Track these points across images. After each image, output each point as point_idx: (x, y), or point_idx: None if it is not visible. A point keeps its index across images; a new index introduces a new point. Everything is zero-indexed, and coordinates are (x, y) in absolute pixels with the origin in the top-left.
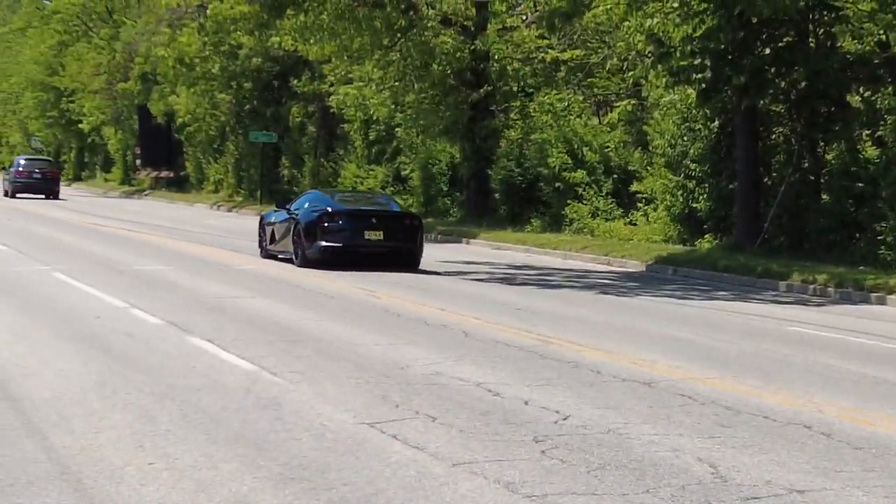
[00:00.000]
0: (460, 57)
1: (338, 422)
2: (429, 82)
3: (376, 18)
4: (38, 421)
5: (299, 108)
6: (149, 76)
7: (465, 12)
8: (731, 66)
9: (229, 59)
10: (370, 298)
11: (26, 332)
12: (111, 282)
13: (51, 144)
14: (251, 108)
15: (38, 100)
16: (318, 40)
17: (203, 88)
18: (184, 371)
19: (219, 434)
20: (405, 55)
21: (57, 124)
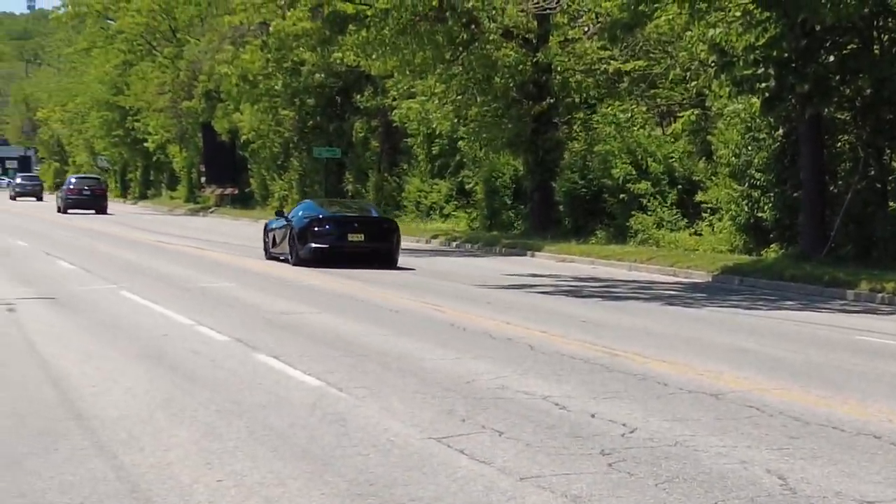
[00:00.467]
0: (522, 70)
1: (404, 437)
2: (491, 95)
3: (438, 33)
4: (107, 439)
5: (362, 123)
6: (212, 94)
7: (527, 25)
8: (795, 75)
9: (292, 75)
10: (435, 312)
11: (95, 350)
12: (177, 299)
13: (117, 163)
14: (314, 124)
15: (103, 119)
16: (380, 55)
17: (266, 105)
18: (250, 388)
19: (286, 450)
20: (467, 69)
21: (122, 143)
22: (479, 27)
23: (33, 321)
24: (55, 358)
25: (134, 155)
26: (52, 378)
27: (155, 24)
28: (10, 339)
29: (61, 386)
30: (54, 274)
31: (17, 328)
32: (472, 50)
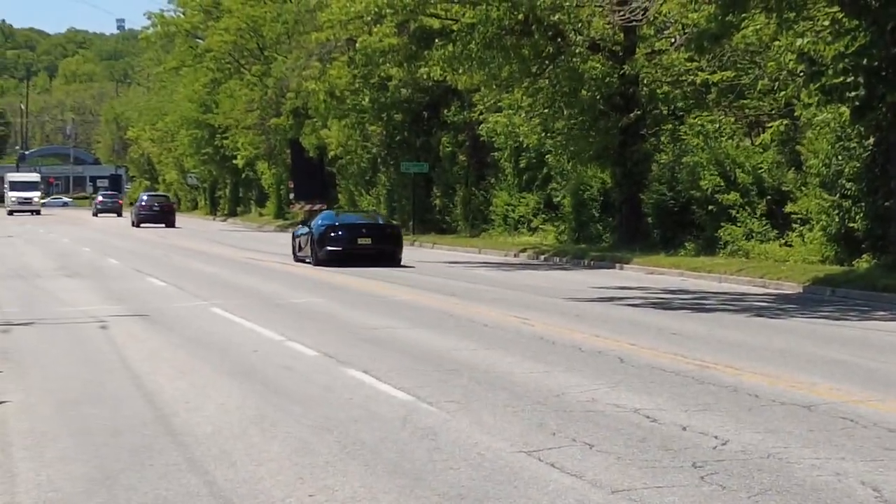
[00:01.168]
0: (609, 82)
1: (495, 450)
2: (578, 108)
3: (524, 46)
4: (200, 455)
5: (449, 137)
6: (300, 111)
7: (614, 37)
8: (886, 83)
9: (379, 91)
10: (524, 326)
11: (187, 367)
12: (267, 315)
13: (206, 180)
14: (402, 139)
15: (192, 137)
16: (466, 70)
17: (354, 121)
18: (341, 403)
19: (377, 465)
20: (554, 82)
21: (212, 160)
22: (565, 40)
23: (126, 338)
24: (148, 374)
25: (223, 172)
26: (145, 394)
27: (243, 43)
28: (103, 356)
29: (155, 402)
30: (146, 291)
31: (111, 345)
32: (559, 63)
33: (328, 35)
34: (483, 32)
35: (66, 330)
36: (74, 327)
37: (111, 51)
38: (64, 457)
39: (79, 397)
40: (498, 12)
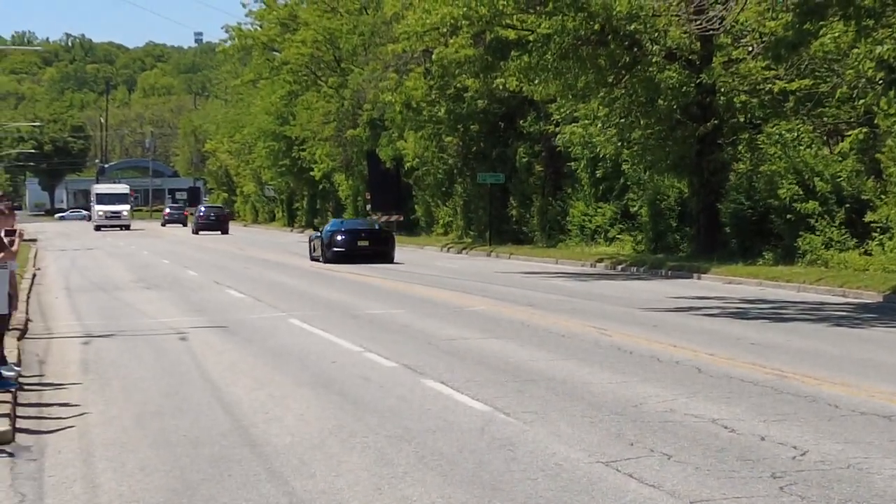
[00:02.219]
0: (686, 91)
1: (572, 461)
2: (655, 118)
3: (600, 56)
4: (279, 466)
5: (526, 148)
6: (377, 122)
7: (690, 46)
8: None
9: (455, 102)
10: (601, 336)
11: (266, 378)
12: (345, 326)
13: (283, 192)
14: (478, 150)
15: (270, 149)
16: (542, 80)
17: (430, 132)
18: (419, 413)
19: (455, 475)
20: (630, 91)
21: (289, 172)
22: (641, 50)
23: (205, 349)
24: (227, 385)
25: (300, 184)
26: (224, 405)
27: (319, 55)
28: (183, 367)
29: (234, 413)
30: (224, 302)
31: (190, 356)
32: (635, 73)
33: (404, 46)
34: (559, 43)
35: (146, 341)
36: (154, 339)
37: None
38: (145, 467)
39: (159, 408)
40: (574, 22)
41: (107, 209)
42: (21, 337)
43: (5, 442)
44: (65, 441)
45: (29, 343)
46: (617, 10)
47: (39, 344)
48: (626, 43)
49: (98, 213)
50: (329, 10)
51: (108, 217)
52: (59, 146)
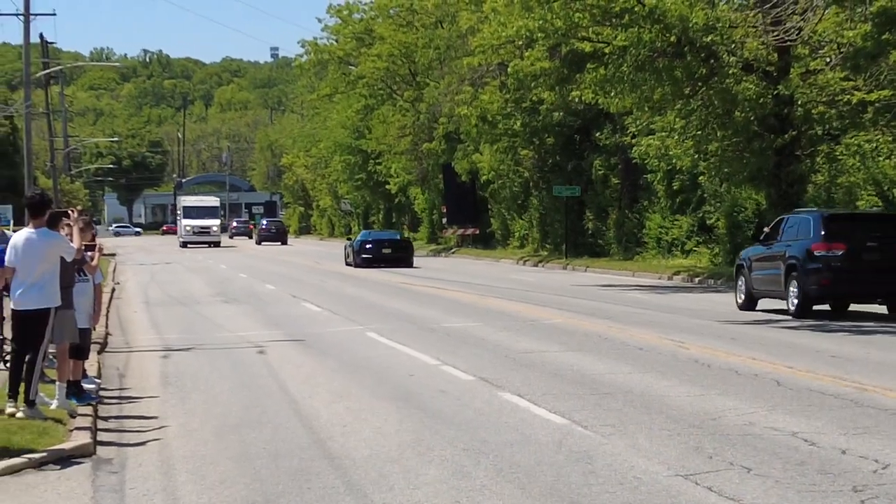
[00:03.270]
0: (763, 103)
1: (651, 474)
2: (732, 129)
3: (676, 68)
4: (357, 478)
5: (602, 160)
6: (452, 135)
7: (767, 58)
8: None
9: (531, 114)
10: (679, 349)
11: (344, 391)
12: (422, 339)
13: (359, 206)
14: (554, 163)
15: (346, 163)
16: (618, 92)
17: (506, 145)
18: (496, 426)
19: (533, 488)
20: (707, 103)
21: (365, 186)
22: (718, 61)
23: (283, 363)
24: (305, 398)
25: (376, 197)
26: (303, 418)
27: (395, 69)
28: (261, 380)
29: (312, 426)
30: (302, 316)
31: (268, 370)
32: (712, 84)
33: (480, 60)
34: (635, 55)
35: (224, 355)
36: (233, 352)
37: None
38: (224, 480)
39: (238, 421)
40: (650, 34)
41: (195, 224)
42: (101, 351)
43: (87, 455)
44: (145, 454)
45: (109, 357)
46: (693, 21)
47: (119, 357)
48: (703, 55)
49: (185, 229)
50: (404, 25)
51: (197, 232)
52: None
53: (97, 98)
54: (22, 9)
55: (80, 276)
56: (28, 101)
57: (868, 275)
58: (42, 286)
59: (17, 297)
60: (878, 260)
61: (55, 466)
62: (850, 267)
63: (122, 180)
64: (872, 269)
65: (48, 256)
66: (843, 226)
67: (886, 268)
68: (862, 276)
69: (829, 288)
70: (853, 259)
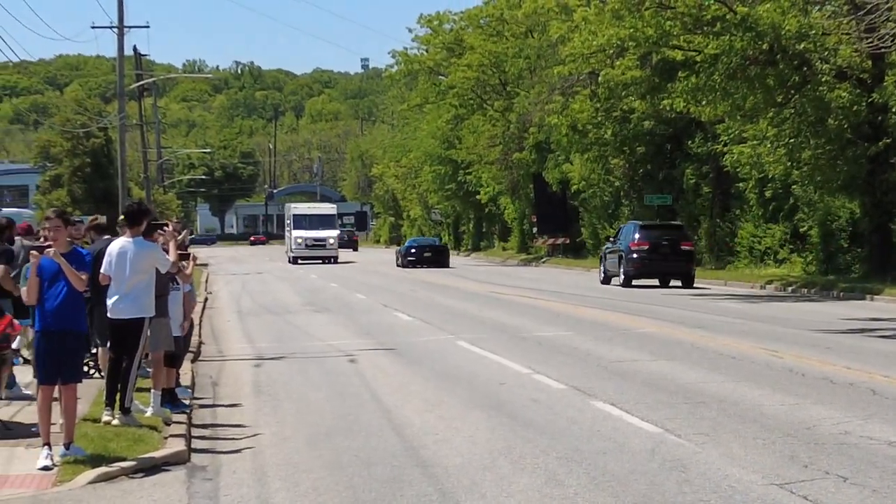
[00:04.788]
0: (857, 110)
1: (746, 483)
2: (825, 137)
3: (769, 76)
4: (450, 486)
5: (693, 169)
6: (543, 145)
7: (861, 65)
8: None
9: (621, 123)
10: (773, 358)
11: (436, 399)
12: (513, 348)
13: (450, 216)
14: (644, 172)
15: (436, 173)
16: (710, 101)
17: (596, 154)
18: (589, 435)
19: (626, 497)
20: (799, 111)
21: (455, 196)
22: (811, 69)
23: (375, 371)
24: (397, 407)
25: (466, 207)
26: (395, 426)
27: (485, 79)
28: (354, 388)
29: (404, 434)
30: (393, 325)
31: (360, 378)
32: (805, 92)
33: (570, 69)
34: (727, 63)
35: (316, 363)
36: (324, 361)
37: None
38: (317, 487)
39: (330, 429)
40: (742, 42)
41: (308, 236)
42: (195, 359)
43: (181, 462)
44: (239, 461)
45: (202, 365)
46: (786, 29)
47: (212, 366)
48: (796, 62)
49: (296, 242)
50: (494, 35)
51: (311, 246)
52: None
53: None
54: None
55: (174, 284)
56: (122, 112)
57: (660, 262)
58: (136, 296)
59: (112, 305)
60: (668, 253)
61: (150, 473)
62: (651, 257)
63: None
64: (662, 259)
65: (143, 266)
66: (649, 231)
67: (671, 258)
68: (657, 263)
69: (639, 270)
70: (653, 252)
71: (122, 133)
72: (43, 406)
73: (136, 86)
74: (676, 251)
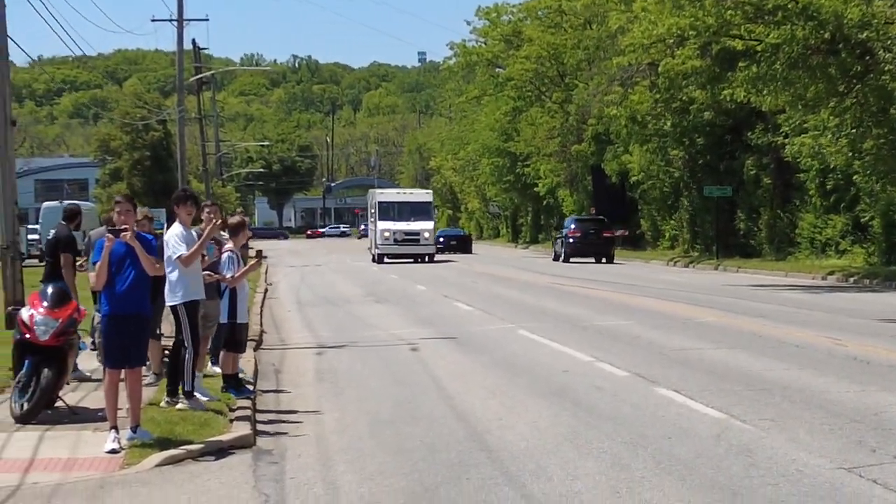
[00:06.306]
0: None
1: (813, 467)
2: (887, 127)
3: (831, 65)
4: (515, 470)
5: (754, 160)
6: (602, 136)
7: None
8: None
9: (681, 114)
10: (836, 346)
11: (497, 387)
12: (574, 337)
13: (507, 208)
14: (704, 163)
15: (494, 165)
16: (771, 91)
17: (655, 145)
18: (653, 420)
19: (693, 480)
20: (862, 101)
21: (513, 188)
22: (873, 58)
23: (436, 359)
24: (460, 394)
25: (524, 199)
26: (458, 413)
27: (543, 70)
28: (416, 376)
29: (468, 420)
30: (453, 315)
31: (422, 366)
32: (867, 81)
33: (630, 59)
34: (788, 52)
35: (377, 352)
36: (385, 349)
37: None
38: (383, 471)
39: (393, 416)
40: (803, 31)
41: (397, 228)
42: (257, 348)
43: (247, 445)
44: (303, 446)
45: (264, 354)
46: (848, 17)
47: (274, 354)
48: (858, 51)
49: (383, 235)
50: (553, 26)
51: (401, 240)
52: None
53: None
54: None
55: None
56: (181, 105)
57: (588, 246)
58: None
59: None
60: (594, 239)
61: (217, 457)
62: (581, 242)
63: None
64: (589, 243)
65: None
66: (582, 223)
67: (597, 242)
68: (585, 246)
69: (573, 250)
70: (583, 238)
71: (182, 126)
72: (110, 390)
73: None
74: (600, 237)
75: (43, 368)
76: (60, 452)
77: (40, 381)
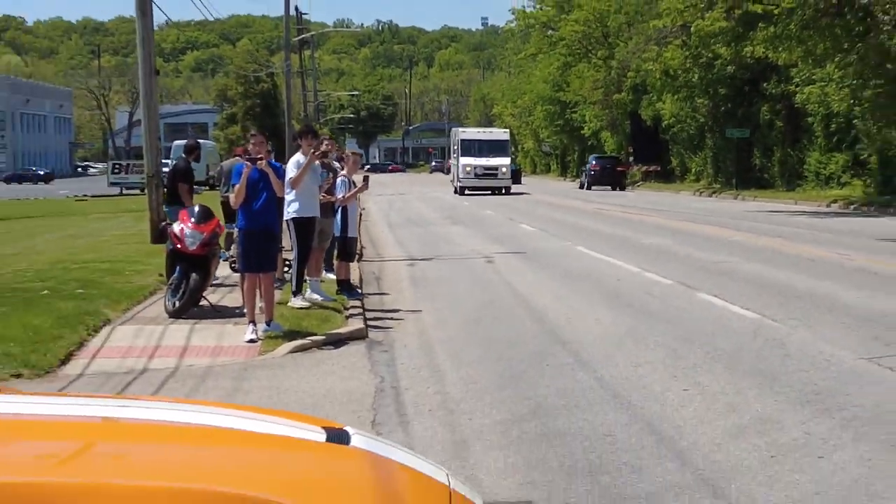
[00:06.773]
0: None
1: (838, 357)
2: (884, 79)
3: (837, 26)
4: (586, 358)
5: (769, 107)
6: (639, 87)
7: None
8: None
9: (706, 69)
10: (845, 260)
11: (563, 292)
12: (624, 252)
13: (557, 148)
14: (726, 110)
15: (546, 112)
16: (785, 48)
17: (685, 95)
18: (698, 320)
19: (737, 367)
20: (863, 56)
21: (562, 131)
22: (873, 20)
23: (509, 270)
24: (532, 297)
25: (572, 141)
26: (532, 313)
27: (590, 32)
28: (494, 284)
29: (541, 319)
30: (519, 234)
31: (498, 275)
32: (868, 40)
33: (665, 21)
34: (801, 15)
35: (460, 264)
36: (466, 262)
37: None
38: (476, 360)
39: (479, 315)
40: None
41: (477, 163)
42: (359, 260)
43: (361, 337)
44: (408, 338)
45: (365, 265)
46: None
47: (374, 265)
48: (860, 14)
49: (464, 170)
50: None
51: (481, 175)
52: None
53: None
54: None
55: None
56: (287, 60)
57: (605, 177)
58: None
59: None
60: (610, 172)
61: (337, 346)
62: (600, 174)
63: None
64: (606, 175)
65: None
66: (601, 160)
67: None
68: (604, 178)
69: (593, 180)
70: (601, 171)
71: (288, 78)
72: (249, 290)
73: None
74: (614, 171)
75: (191, 273)
76: (208, 341)
77: (189, 283)
